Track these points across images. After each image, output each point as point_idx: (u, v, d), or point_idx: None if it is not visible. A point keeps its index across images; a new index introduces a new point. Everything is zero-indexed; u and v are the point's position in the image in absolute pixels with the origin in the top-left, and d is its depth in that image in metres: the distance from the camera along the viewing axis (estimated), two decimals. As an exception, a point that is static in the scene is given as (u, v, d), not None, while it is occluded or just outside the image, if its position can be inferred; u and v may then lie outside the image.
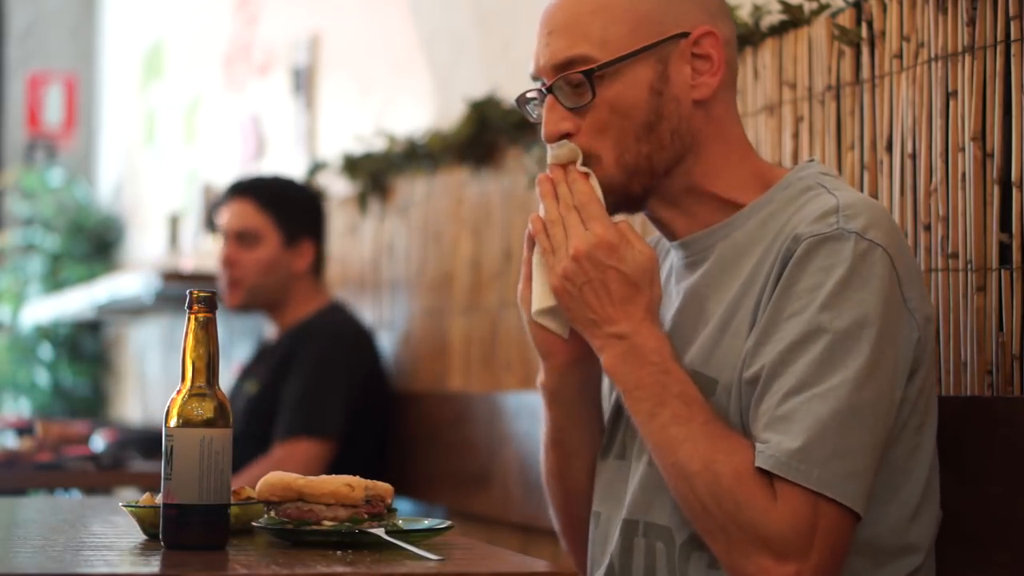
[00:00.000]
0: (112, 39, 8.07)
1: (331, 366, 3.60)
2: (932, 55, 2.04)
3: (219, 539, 1.69)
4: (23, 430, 4.43)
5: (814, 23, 2.29)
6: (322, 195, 4.08)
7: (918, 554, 1.77)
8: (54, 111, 8.28)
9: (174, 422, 1.69)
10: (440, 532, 1.78)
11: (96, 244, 7.65)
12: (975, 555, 1.86)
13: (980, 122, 1.96)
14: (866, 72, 2.17)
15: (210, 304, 1.73)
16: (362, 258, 4.21)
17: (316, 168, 4.39)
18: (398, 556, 1.63)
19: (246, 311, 3.82)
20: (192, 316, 1.72)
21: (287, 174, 4.05)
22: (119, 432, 4.17)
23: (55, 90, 8.28)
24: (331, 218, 4.30)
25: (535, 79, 1.87)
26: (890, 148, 2.12)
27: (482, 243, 3.47)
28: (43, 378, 7.56)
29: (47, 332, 7.56)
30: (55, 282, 7.49)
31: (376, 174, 4.02)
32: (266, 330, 3.87)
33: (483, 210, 3.46)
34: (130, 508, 1.84)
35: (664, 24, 1.81)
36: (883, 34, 2.14)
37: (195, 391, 1.70)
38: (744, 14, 2.40)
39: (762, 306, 1.74)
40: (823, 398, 1.66)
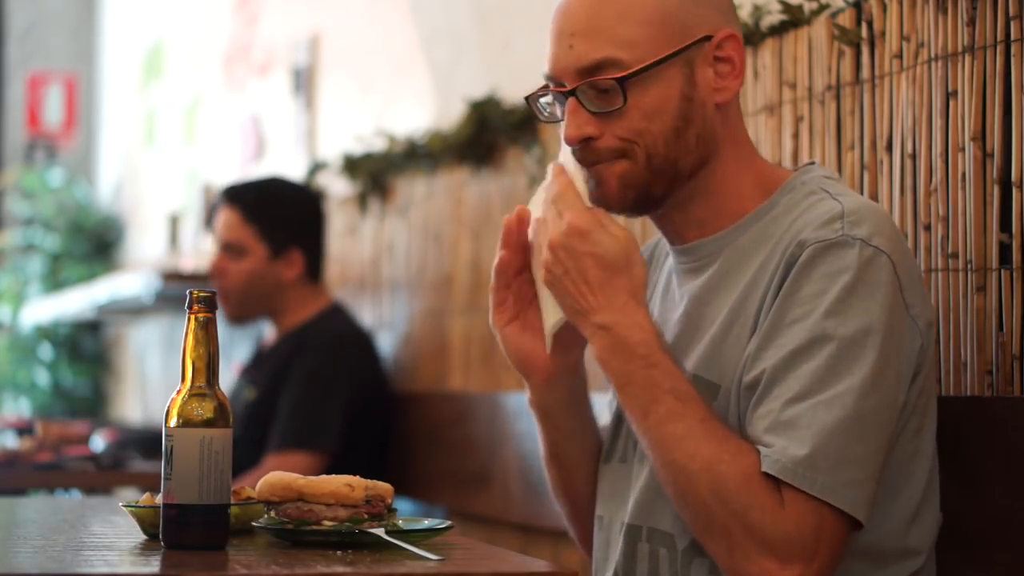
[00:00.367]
0: (112, 39, 8.06)
1: (327, 377, 3.57)
2: (932, 55, 2.03)
3: (219, 539, 1.69)
4: (23, 430, 4.42)
5: (814, 23, 2.29)
6: (320, 196, 4.06)
7: (918, 557, 1.76)
8: (54, 111, 8.28)
9: (174, 422, 1.69)
10: (440, 532, 1.78)
11: (96, 244, 7.65)
12: (975, 555, 1.86)
13: (980, 122, 1.96)
14: (866, 72, 2.17)
15: (210, 304, 1.73)
16: (362, 258, 4.21)
17: (316, 168, 4.39)
18: (398, 556, 1.63)
19: (241, 322, 3.80)
20: (192, 316, 1.72)
21: (282, 177, 3.97)
22: (119, 432, 4.17)
23: (55, 90, 8.27)
24: (331, 218, 4.30)
25: (551, 80, 1.83)
26: (890, 148, 2.12)
27: (482, 243, 3.46)
28: (43, 378, 7.56)
29: (47, 332, 7.56)
30: (55, 282, 7.49)
31: (376, 174, 4.02)
32: (266, 332, 3.86)
33: (483, 210, 3.46)
34: (130, 508, 1.84)
35: (689, 27, 1.79)
36: (883, 34, 2.14)
37: (195, 391, 1.70)
38: (744, 14, 2.40)
39: (764, 310, 1.73)
40: (829, 406, 1.65)
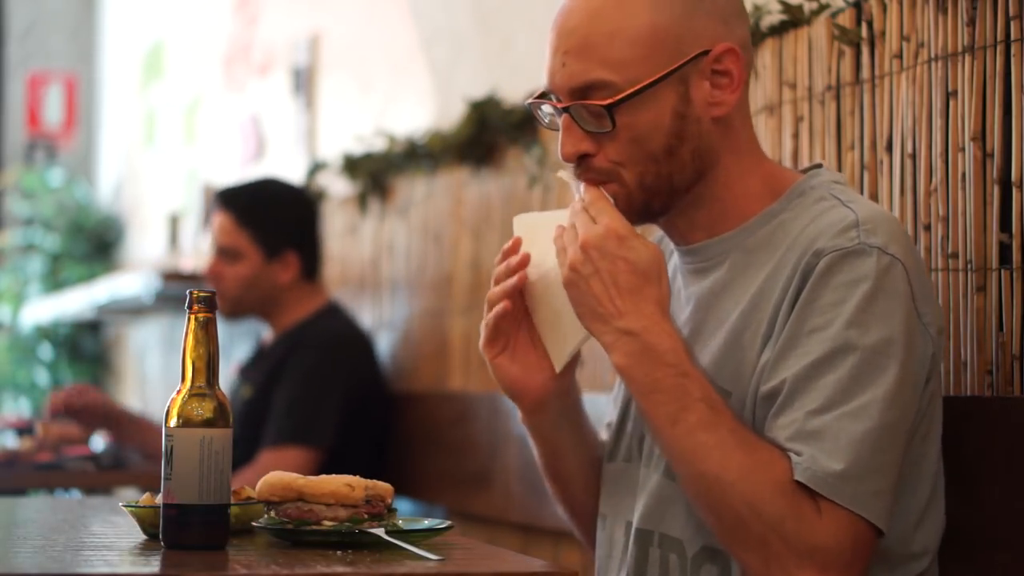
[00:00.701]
0: (112, 39, 8.06)
1: (322, 374, 3.57)
2: (932, 55, 2.03)
3: (219, 539, 1.69)
4: (23, 430, 4.41)
5: (814, 23, 2.29)
6: (317, 197, 4.06)
7: (923, 559, 1.76)
8: (54, 111, 8.28)
9: (174, 422, 1.69)
10: (440, 532, 1.78)
11: (96, 244, 7.65)
12: (975, 555, 1.85)
13: (980, 122, 1.96)
14: (866, 72, 2.17)
15: (210, 304, 1.73)
16: (362, 258, 4.21)
17: (316, 168, 4.39)
18: (398, 556, 1.63)
19: (236, 319, 3.80)
20: (192, 316, 1.72)
21: (275, 178, 3.94)
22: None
23: (55, 90, 8.28)
24: (331, 218, 4.30)
25: (549, 93, 1.82)
26: (890, 148, 2.12)
27: (482, 243, 3.46)
28: (43, 378, 7.56)
29: (47, 332, 7.56)
30: (55, 282, 7.49)
31: (376, 174, 4.02)
32: (263, 333, 3.86)
33: (483, 210, 3.46)
34: (130, 508, 1.84)
35: (683, 43, 1.76)
36: (883, 34, 2.13)
37: (195, 391, 1.70)
38: (744, 14, 2.40)
39: (779, 319, 1.72)
40: (855, 417, 1.64)
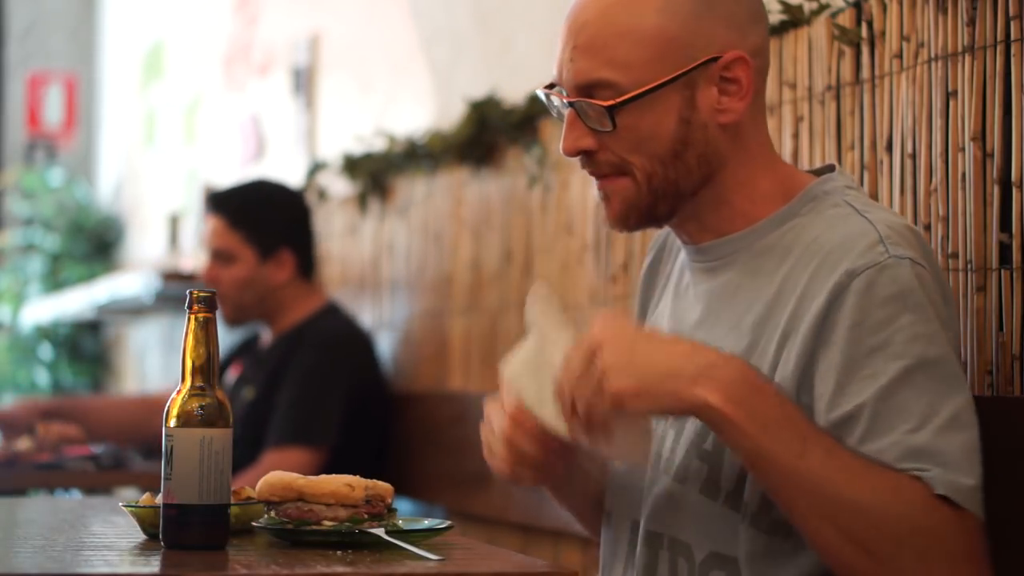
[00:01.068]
0: (112, 39, 8.06)
1: (323, 374, 3.57)
2: (932, 55, 2.03)
3: (219, 539, 1.69)
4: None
5: (814, 23, 2.29)
6: (317, 197, 4.05)
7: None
8: (54, 111, 8.28)
9: (174, 422, 1.69)
10: (440, 532, 1.78)
11: (96, 244, 7.65)
12: (975, 555, 1.85)
13: (980, 122, 1.96)
14: (866, 72, 2.17)
15: (210, 304, 1.73)
16: (362, 258, 4.21)
17: (316, 168, 4.39)
18: (398, 556, 1.63)
19: (239, 324, 3.80)
20: (192, 316, 1.72)
21: (265, 179, 3.93)
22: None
23: (55, 90, 8.27)
24: (331, 218, 4.30)
25: (557, 85, 1.80)
26: (890, 148, 2.12)
27: (482, 243, 3.47)
28: (43, 378, 7.56)
29: (47, 332, 7.56)
30: (55, 282, 7.49)
31: (376, 174, 4.02)
32: (263, 334, 3.86)
33: (483, 210, 3.46)
34: (130, 508, 1.84)
35: (693, 48, 1.74)
36: (883, 34, 2.14)
37: (195, 391, 1.70)
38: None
39: (801, 335, 1.69)
40: (951, 428, 1.63)
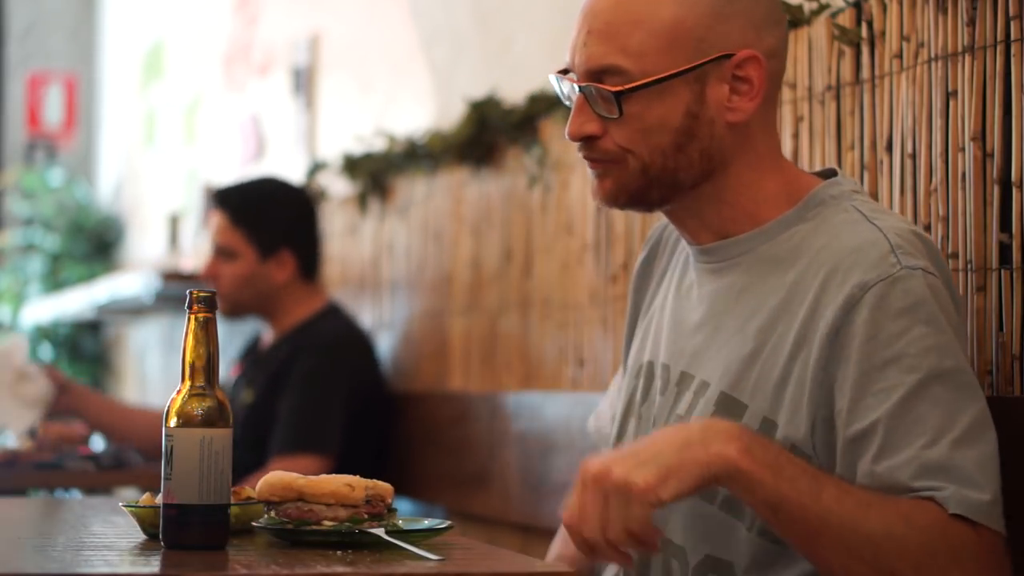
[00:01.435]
0: (112, 39, 8.07)
1: (326, 377, 3.56)
2: (932, 55, 2.03)
3: (219, 539, 1.69)
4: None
5: (814, 23, 2.29)
6: (311, 196, 4.04)
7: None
8: (54, 111, 8.28)
9: (174, 422, 1.69)
10: (440, 532, 1.78)
11: (96, 244, 7.65)
12: (975, 555, 1.85)
13: (980, 122, 1.96)
14: (866, 72, 2.17)
15: (210, 304, 1.73)
16: (362, 258, 4.21)
17: (316, 168, 4.39)
18: (398, 556, 1.63)
19: (236, 319, 3.80)
20: (192, 316, 1.72)
21: (273, 177, 3.93)
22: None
23: (55, 90, 8.28)
24: (331, 218, 4.30)
25: (569, 68, 1.80)
26: (890, 148, 2.12)
27: (482, 243, 3.47)
28: (43, 378, 7.54)
29: (47, 332, 7.56)
30: (55, 282, 7.49)
31: (376, 174, 4.02)
32: (263, 333, 3.86)
33: (483, 210, 3.46)
34: (130, 508, 1.84)
35: (707, 42, 1.74)
36: (883, 34, 2.14)
37: (195, 391, 1.70)
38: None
39: (815, 348, 1.68)
40: (967, 442, 1.62)
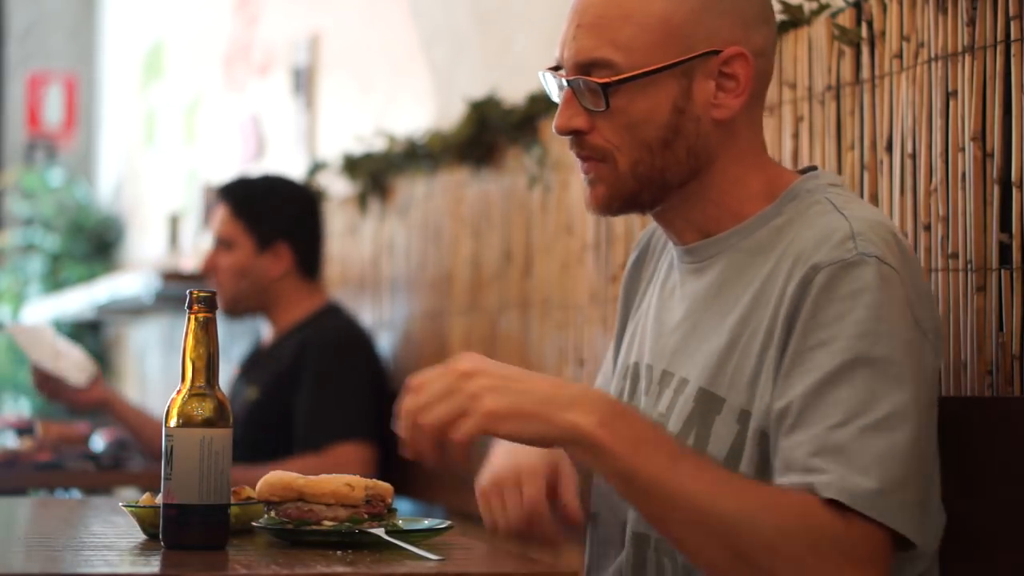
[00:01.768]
0: (112, 39, 8.07)
1: (341, 371, 3.59)
2: (932, 55, 2.03)
3: (219, 539, 1.69)
4: (23, 430, 4.41)
5: (814, 23, 2.29)
6: (317, 194, 4.06)
7: (923, 560, 1.76)
8: (54, 111, 8.28)
9: (174, 422, 1.69)
10: (440, 532, 1.78)
11: (96, 244, 7.65)
12: (976, 555, 1.85)
13: (980, 122, 1.96)
14: (866, 72, 2.17)
15: (210, 304, 1.73)
16: (362, 258, 4.21)
17: (316, 168, 4.39)
18: (398, 556, 1.63)
19: (235, 316, 3.81)
20: (192, 316, 1.72)
21: (279, 174, 3.95)
22: (119, 432, 4.16)
23: (55, 90, 8.28)
24: (331, 218, 4.30)
25: (558, 63, 1.81)
26: (890, 148, 2.12)
27: (482, 243, 3.47)
28: (43, 378, 7.54)
29: (47, 332, 7.55)
30: (55, 282, 7.49)
31: (376, 174, 4.02)
32: (263, 332, 3.86)
33: (483, 210, 3.46)
34: (130, 508, 1.84)
35: (694, 38, 1.75)
36: (883, 34, 2.14)
37: (195, 391, 1.70)
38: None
39: (778, 331, 1.70)
40: (878, 430, 1.61)
